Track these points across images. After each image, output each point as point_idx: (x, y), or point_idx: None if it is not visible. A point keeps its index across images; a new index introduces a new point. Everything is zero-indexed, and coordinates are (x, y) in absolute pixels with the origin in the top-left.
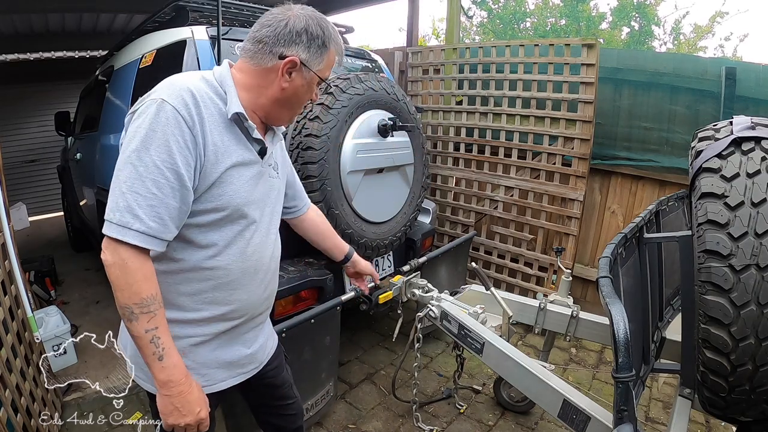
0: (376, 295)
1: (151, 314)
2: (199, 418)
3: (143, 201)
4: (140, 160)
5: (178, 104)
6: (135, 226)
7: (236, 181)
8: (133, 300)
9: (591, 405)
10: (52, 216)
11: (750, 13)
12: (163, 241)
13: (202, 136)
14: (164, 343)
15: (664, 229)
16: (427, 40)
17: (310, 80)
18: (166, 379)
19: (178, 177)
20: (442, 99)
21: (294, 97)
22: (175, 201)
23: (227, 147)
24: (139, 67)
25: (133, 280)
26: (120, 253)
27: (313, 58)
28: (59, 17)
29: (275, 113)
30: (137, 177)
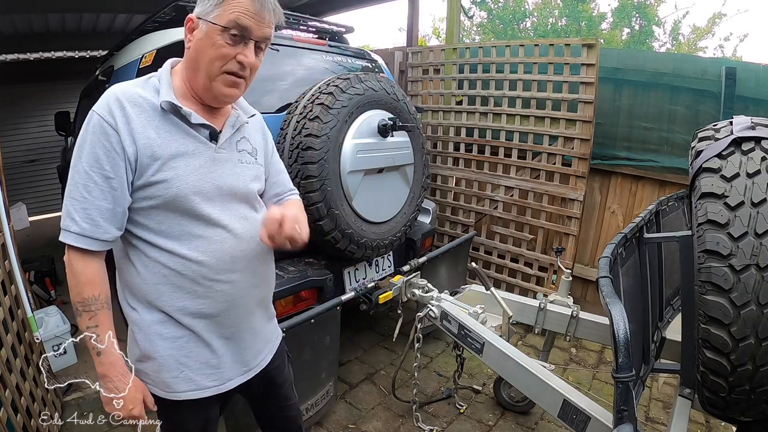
0: (376, 295)
1: (92, 313)
2: (130, 414)
3: (77, 204)
4: (74, 168)
5: (102, 111)
6: (72, 228)
7: (182, 171)
8: (77, 299)
9: (591, 405)
10: (52, 216)
11: (750, 13)
12: (98, 240)
13: (129, 134)
14: (102, 340)
15: (664, 229)
16: (428, 39)
17: (207, 31)
18: (103, 374)
19: (106, 180)
20: (442, 99)
21: (197, 53)
22: (106, 202)
23: (164, 139)
24: (139, 67)
25: (77, 281)
26: (69, 255)
27: (207, 7)
28: (59, 17)
29: (194, 80)
30: (73, 184)
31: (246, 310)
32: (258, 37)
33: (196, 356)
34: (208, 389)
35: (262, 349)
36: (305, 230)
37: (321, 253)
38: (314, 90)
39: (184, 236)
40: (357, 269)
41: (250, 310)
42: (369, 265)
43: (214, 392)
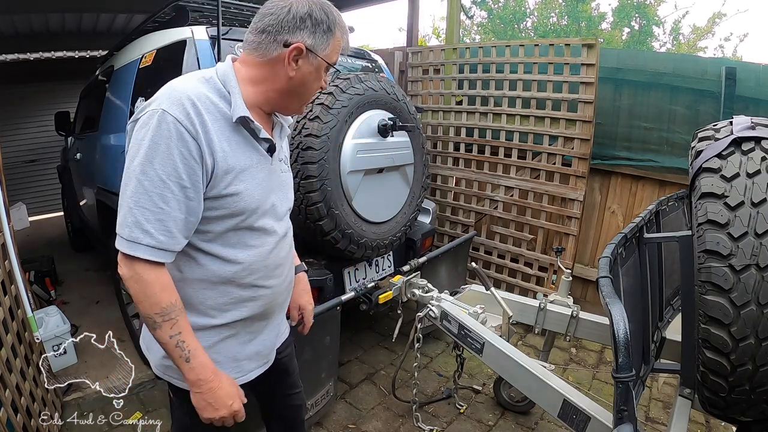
0: (376, 295)
1: (173, 321)
2: (232, 410)
3: (151, 216)
4: (145, 174)
5: (179, 114)
6: (145, 241)
7: (250, 185)
8: (153, 310)
9: (591, 405)
10: (52, 216)
11: (750, 13)
12: (172, 252)
13: (207, 144)
14: (189, 345)
15: (664, 229)
16: (428, 39)
17: (317, 66)
18: (196, 378)
19: (183, 190)
20: (442, 99)
21: (302, 86)
22: (181, 213)
23: (235, 152)
24: (139, 67)
25: (151, 291)
26: (135, 267)
27: (319, 42)
28: (59, 17)
29: (284, 104)
30: (143, 192)
31: (276, 310)
32: None
33: (225, 352)
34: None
35: (278, 342)
36: None
37: (321, 253)
38: None
39: (240, 245)
40: (357, 269)
41: (278, 310)
42: (369, 265)
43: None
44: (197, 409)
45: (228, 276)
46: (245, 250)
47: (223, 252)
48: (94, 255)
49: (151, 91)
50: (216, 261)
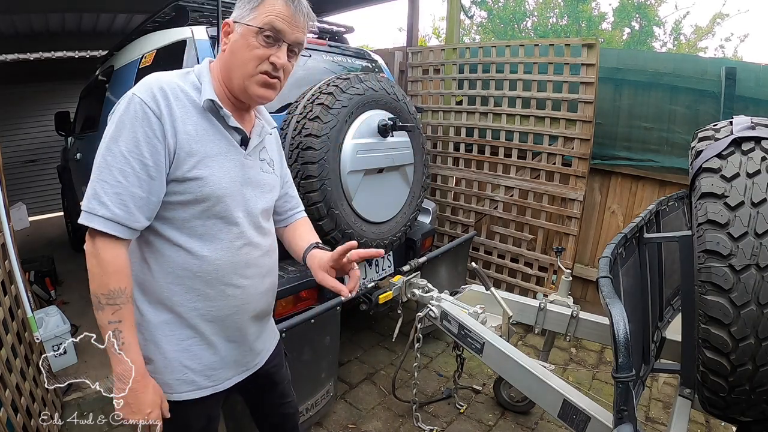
0: (376, 295)
1: (116, 307)
2: (148, 418)
3: (109, 188)
4: (109, 150)
5: (146, 96)
6: (100, 212)
7: (215, 171)
8: (101, 290)
9: (591, 405)
10: (52, 216)
11: (750, 13)
12: (129, 228)
13: (171, 124)
14: (125, 338)
15: (664, 229)
16: (428, 39)
17: (243, 33)
18: (121, 373)
19: (144, 167)
20: (442, 99)
21: (232, 54)
22: (141, 191)
23: (201, 136)
24: (139, 67)
25: (104, 271)
26: (96, 243)
27: (243, 11)
28: (59, 17)
29: (228, 79)
30: (105, 166)
31: (251, 315)
32: (291, 41)
33: (200, 359)
34: (207, 388)
35: (261, 350)
36: None
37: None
38: (314, 90)
39: (206, 236)
40: (357, 269)
41: (255, 316)
42: (369, 265)
43: (212, 391)
44: (116, 405)
45: (193, 270)
46: (211, 243)
47: (189, 243)
48: None
49: None
50: (181, 252)
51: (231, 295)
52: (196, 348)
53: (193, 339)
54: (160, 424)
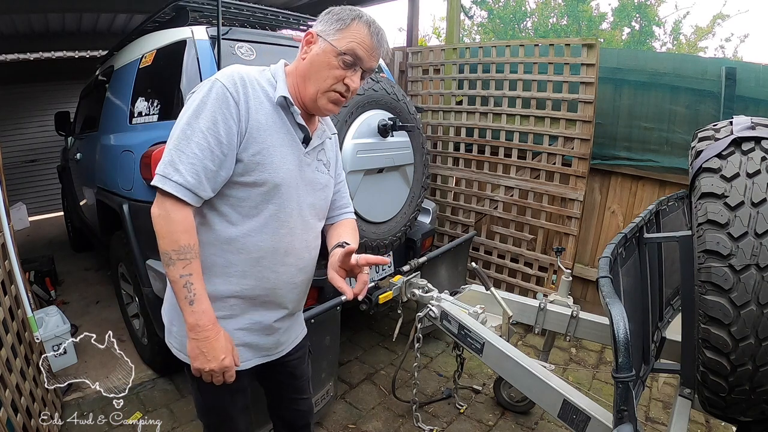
0: (376, 295)
1: (187, 261)
2: (222, 365)
3: (185, 159)
4: (189, 125)
5: (227, 83)
6: (174, 177)
7: (276, 160)
8: (172, 246)
9: (591, 405)
10: (52, 216)
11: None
12: (197, 196)
13: (246, 111)
14: (196, 289)
15: (664, 229)
16: (428, 39)
17: (325, 50)
18: (195, 323)
19: (219, 144)
20: (442, 99)
21: (311, 66)
22: (213, 164)
23: (270, 126)
24: (139, 67)
25: (174, 229)
26: (165, 205)
27: (329, 29)
28: (59, 17)
29: (303, 89)
30: (184, 138)
31: (280, 302)
32: (367, 68)
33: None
34: None
35: (285, 341)
36: None
37: (320, 253)
38: None
39: (256, 218)
40: None
41: (284, 305)
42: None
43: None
44: (190, 356)
45: (238, 245)
46: (259, 225)
47: (239, 221)
48: (94, 255)
49: (151, 91)
50: (230, 228)
51: (265, 278)
52: (222, 321)
53: (221, 311)
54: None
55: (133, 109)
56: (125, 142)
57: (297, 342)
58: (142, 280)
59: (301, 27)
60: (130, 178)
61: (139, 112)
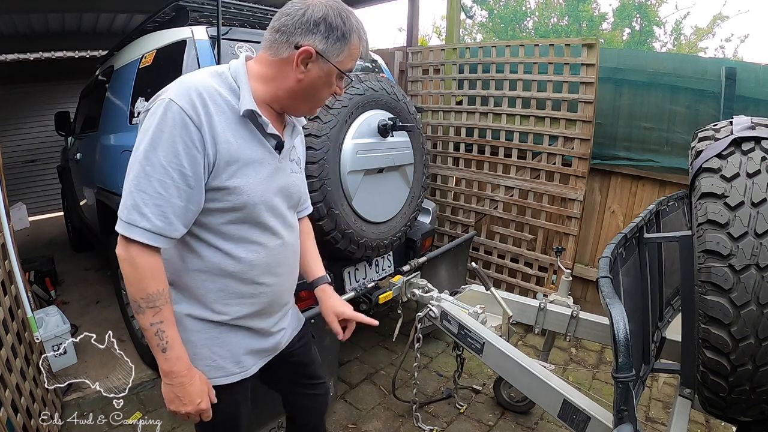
0: (376, 295)
1: (156, 309)
2: (198, 408)
3: (150, 200)
4: (147, 159)
5: (185, 104)
6: (141, 224)
7: (253, 179)
8: (140, 294)
9: (591, 405)
10: (52, 216)
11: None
12: (168, 239)
13: (211, 134)
14: (168, 336)
15: (664, 229)
16: (429, 38)
17: (328, 72)
18: (169, 370)
19: (183, 177)
20: (442, 99)
21: (310, 89)
22: (180, 201)
23: (240, 145)
24: (139, 67)
25: (141, 276)
26: (130, 250)
27: (332, 48)
28: (59, 17)
29: (293, 105)
30: (144, 176)
31: (278, 307)
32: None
33: (228, 346)
34: (236, 374)
35: (282, 337)
36: None
37: (321, 253)
38: None
39: (242, 240)
40: (357, 269)
41: (281, 308)
42: (369, 265)
43: (241, 377)
44: (165, 400)
45: (229, 270)
46: (246, 246)
47: (225, 246)
48: (94, 255)
49: (151, 91)
50: (217, 254)
51: (263, 292)
52: (224, 337)
53: (222, 329)
54: (209, 412)
55: (133, 109)
56: (125, 142)
57: (296, 332)
58: None
59: None
60: None
61: (139, 112)
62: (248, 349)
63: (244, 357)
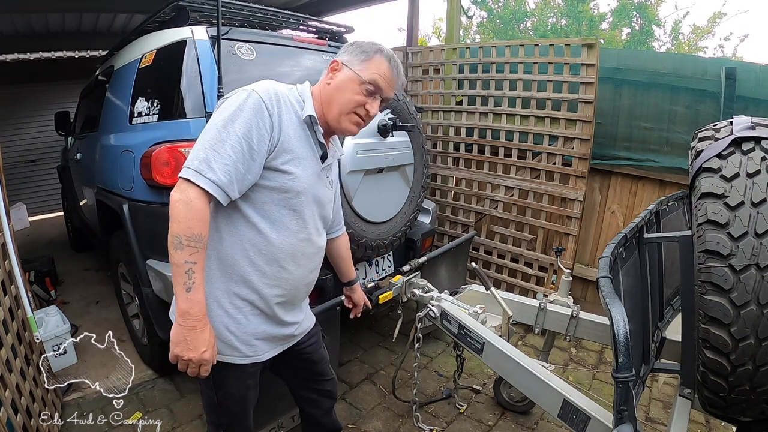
0: (376, 295)
1: (195, 249)
2: (202, 357)
3: (219, 159)
4: (225, 128)
5: (264, 95)
6: (208, 174)
7: (300, 171)
8: (185, 232)
9: (591, 405)
10: (52, 216)
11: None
12: (225, 195)
13: (278, 123)
14: (196, 278)
15: (664, 229)
16: (428, 39)
17: (350, 77)
18: (187, 310)
19: (250, 149)
20: (442, 99)
21: (336, 91)
22: (242, 167)
23: (295, 141)
24: (139, 67)
25: (192, 216)
26: (188, 192)
27: (354, 59)
28: (59, 17)
29: (327, 111)
30: (219, 140)
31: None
32: (385, 97)
33: (244, 327)
34: (248, 357)
35: (296, 330)
36: None
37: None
38: None
39: (278, 222)
40: (357, 269)
41: (296, 301)
42: (369, 265)
43: (252, 360)
44: (172, 341)
45: (260, 246)
46: (279, 228)
47: (261, 224)
48: (94, 255)
49: (151, 91)
50: (253, 230)
51: (283, 278)
52: (241, 316)
53: (241, 308)
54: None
55: (133, 109)
56: (125, 142)
57: (308, 329)
58: (142, 280)
59: (300, 27)
60: (130, 178)
61: (139, 112)
62: (262, 333)
63: (257, 342)
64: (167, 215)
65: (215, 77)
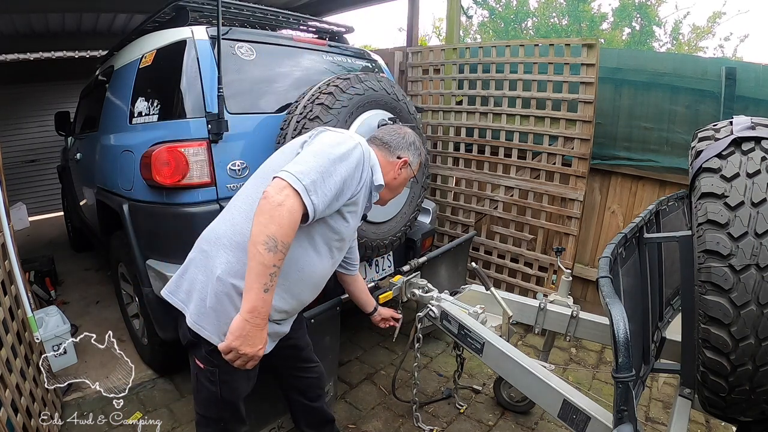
0: (376, 295)
1: (283, 255)
2: (257, 354)
3: (324, 188)
4: (334, 164)
5: (365, 152)
6: (312, 197)
7: (353, 222)
8: (283, 238)
9: (591, 405)
10: (52, 216)
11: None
12: (313, 219)
13: (363, 182)
14: (275, 283)
15: (664, 229)
16: (428, 38)
17: (408, 176)
18: (258, 308)
19: (341, 193)
20: (442, 99)
21: (399, 186)
22: (327, 200)
23: (362, 198)
24: (139, 67)
25: (291, 225)
26: (293, 201)
27: (414, 161)
28: (59, 17)
29: (385, 193)
30: (328, 172)
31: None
32: None
33: None
34: None
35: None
36: None
37: None
38: (314, 90)
39: (320, 253)
40: None
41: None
42: (369, 265)
43: None
44: (232, 333)
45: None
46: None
47: (310, 249)
48: (94, 255)
49: (151, 91)
50: (300, 252)
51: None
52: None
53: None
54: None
55: (133, 109)
56: (125, 142)
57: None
58: (142, 280)
59: (300, 27)
60: (130, 178)
61: (139, 112)
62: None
63: None
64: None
65: (215, 77)
